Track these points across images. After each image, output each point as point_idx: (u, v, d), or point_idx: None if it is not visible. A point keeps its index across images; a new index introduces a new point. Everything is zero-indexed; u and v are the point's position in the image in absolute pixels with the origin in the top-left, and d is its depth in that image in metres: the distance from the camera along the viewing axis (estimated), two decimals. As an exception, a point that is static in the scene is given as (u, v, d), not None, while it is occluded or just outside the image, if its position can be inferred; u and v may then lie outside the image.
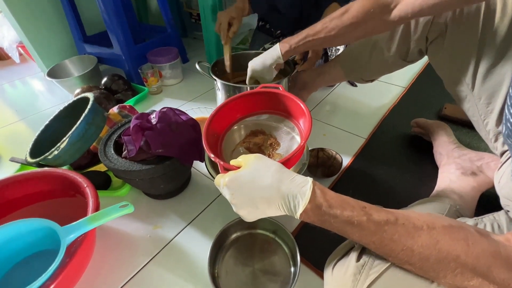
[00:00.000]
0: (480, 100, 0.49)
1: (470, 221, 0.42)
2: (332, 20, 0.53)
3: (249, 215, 0.37)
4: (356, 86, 1.07)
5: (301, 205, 0.32)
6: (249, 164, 0.36)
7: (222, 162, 0.41)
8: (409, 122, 0.81)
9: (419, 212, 0.33)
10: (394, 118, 0.88)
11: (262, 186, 0.34)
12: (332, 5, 0.84)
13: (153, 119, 0.57)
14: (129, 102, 1.00)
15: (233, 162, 0.39)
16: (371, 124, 0.87)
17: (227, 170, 0.39)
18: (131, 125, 0.54)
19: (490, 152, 0.58)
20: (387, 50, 0.64)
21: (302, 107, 0.49)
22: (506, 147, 0.47)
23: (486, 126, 0.50)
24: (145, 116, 0.57)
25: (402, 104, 0.95)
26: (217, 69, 0.83)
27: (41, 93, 1.21)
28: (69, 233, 0.43)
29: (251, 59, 0.70)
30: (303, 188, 0.33)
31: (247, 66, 0.74)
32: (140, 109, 1.03)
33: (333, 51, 0.98)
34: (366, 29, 0.51)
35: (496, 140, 0.49)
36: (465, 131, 0.80)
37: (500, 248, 0.29)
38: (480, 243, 0.29)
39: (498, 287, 0.27)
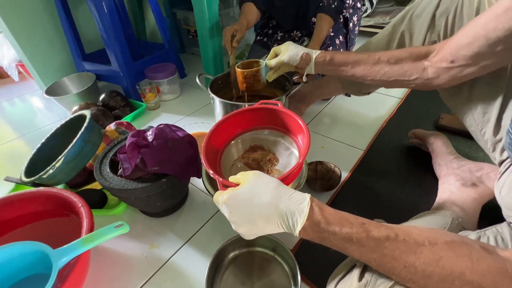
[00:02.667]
0: (476, 110, 0.49)
1: (473, 235, 0.41)
2: (386, 74, 0.53)
3: (248, 233, 0.36)
4: (349, 96, 1.07)
5: (300, 222, 0.32)
6: (248, 181, 0.36)
7: (221, 179, 0.41)
8: (407, 133, 0.81)
9: (420, 227, 0.33)
10: (392, 129, 0.89)
11: (261, 203, 0.34)
12: (322, 16, 0.89)
13: (150, 136, 0.56)
14: (126, 118, 1.00)
15: (231, 179, 0.39)
16: (368, 135, 0.87)
17: (226, 187, 0.39)
18: (127, 142, 0.54)
19: (489, 162, 0.58)
20: None
21: (300, 123, 0.49)
22: (504, 157, 0.47)
23: (484, 135, 0.50)
24: (141, 133, 0.57)
25: (398, 115, 0.95)
26: (214, 88, 0.84)
27: (39, 111, 1.22)
28: (62, 256, 0.41)
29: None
30: (301, 205, 0.33)
31: None
32: (138, 124, 1.03)
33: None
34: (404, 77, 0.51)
35: (494, 149, 0.49)
36: (463, 141, 0.80)
37: (506, 264, 0.28)
38: (485, 259, 0.28)
39: None
